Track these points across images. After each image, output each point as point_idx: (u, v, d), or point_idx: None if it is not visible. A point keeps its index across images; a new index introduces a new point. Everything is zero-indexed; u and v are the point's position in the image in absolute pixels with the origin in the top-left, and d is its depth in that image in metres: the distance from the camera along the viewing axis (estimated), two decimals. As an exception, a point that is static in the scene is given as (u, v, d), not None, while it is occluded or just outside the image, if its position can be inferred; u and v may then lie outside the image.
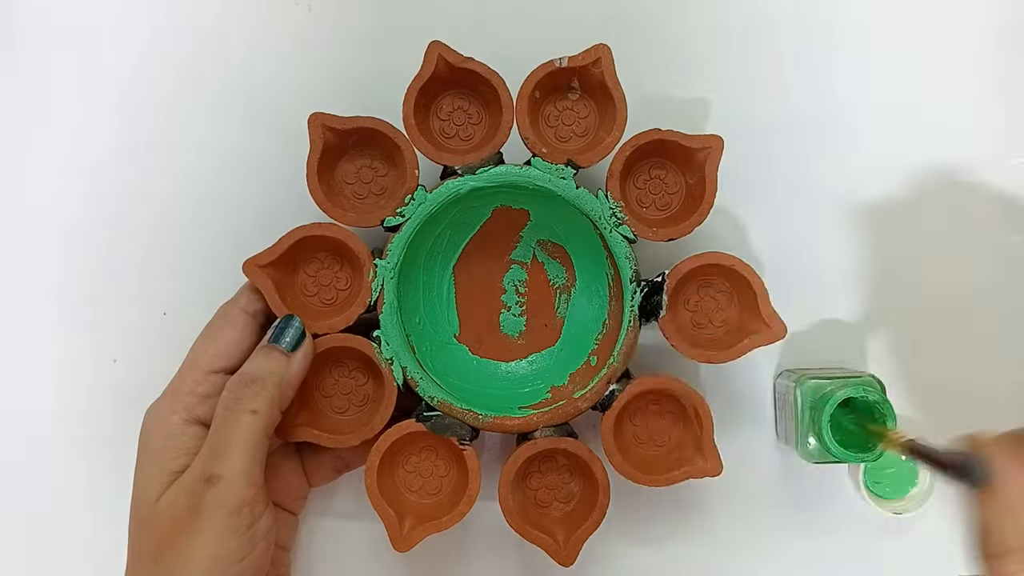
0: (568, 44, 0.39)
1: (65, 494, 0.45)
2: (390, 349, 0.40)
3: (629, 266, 0.40)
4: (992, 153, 0.45)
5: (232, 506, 0.34)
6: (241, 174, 0.45)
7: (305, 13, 0.45)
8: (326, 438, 0.39)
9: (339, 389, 0.41)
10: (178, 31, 0.45)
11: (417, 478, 0.41)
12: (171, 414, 0.37)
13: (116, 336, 0.45)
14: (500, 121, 0.39)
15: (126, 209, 0.45)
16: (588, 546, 0.39)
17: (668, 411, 0.41)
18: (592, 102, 0.41)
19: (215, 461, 0.35)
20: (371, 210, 0.40)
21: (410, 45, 0.39)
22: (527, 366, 0.44)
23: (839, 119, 0.45)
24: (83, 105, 0.45)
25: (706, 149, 0.39)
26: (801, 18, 0.45)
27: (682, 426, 0.41)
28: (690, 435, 0.40)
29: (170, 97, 0.45)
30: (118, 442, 0.39)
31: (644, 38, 0.45)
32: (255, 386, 0.36)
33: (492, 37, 0.45)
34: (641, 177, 0.42)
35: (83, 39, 0.45)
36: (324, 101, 0.39)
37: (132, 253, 0.45)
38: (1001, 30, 0.45)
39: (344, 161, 0.41)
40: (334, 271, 0.41)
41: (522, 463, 0.40)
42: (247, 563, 0.35)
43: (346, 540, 0.45)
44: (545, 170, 0.40)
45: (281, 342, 0.38)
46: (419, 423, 0.39)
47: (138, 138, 0.45)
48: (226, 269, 0.40)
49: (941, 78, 0.46)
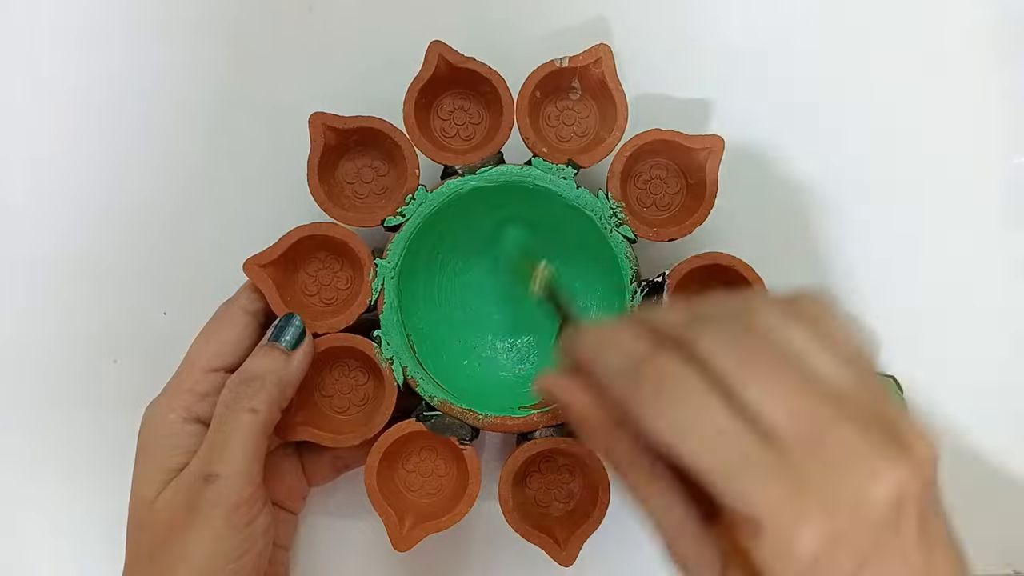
0: (569, 44, 0.39)
1: (64, 493, 0.45)
2: (390, 349, 0.40)
3: (629, 266, 0.40)
4: (992, 153, 0.45)
5: (230, 504, 0.34)
6: (241, 174, 0.45)
7: (305, 13, 0.45)
8: (326, 437, 0.39)
9: (339, 389, 0.41)
10: (178, 31, 0.45)
11: (417, 478, 0.41)
12: (170, 412, 0.37)
13: (116, 336, 0.45)
14: (501, 121, 0.39)
15: (126, 209, 0.45)
16: (588, 546, 0.39)
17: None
18: (593, 102, 0.41)
19: (214, 459, 0.35)
20: (371, 210, 0.40)
21: (410, 45, 0.39)
22: (527, 366, 0.44)
23: (839, 119, 0.45)
24: (82, 105, 0.45)
25: (707, 149, 0.39)
26: (802, 18, 0.45)
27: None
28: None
29: (169, 97, 0.45)
30: (118, 441, 0.39)
31: (645, 38, 0.45)
32: (255, 385, 0.36)
33: (493, 37, 0.45)
34: (642, 177, 0.42)
35: (83, 38, 0.45)
36: (324, 101, 0.40)
37: (132, 253, 0.45)
38: (1001, 30, 0.45)
39: (345, 161, 0.41)
40: (334, 271, 0.41)
41: (522, 463, 0.39)
42: (245, 561, 0.35)
43: (346, 540, 0.45)
44: (546, 170, 0.40)
45: (281, 341, 0.38)
46: (419, 423, 0.39)
47: (137, 138, 0.45)
48: (226, 269, 0.40)
49: (941, 78, 0.46)
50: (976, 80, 0.45)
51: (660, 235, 0.40)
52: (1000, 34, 0.45)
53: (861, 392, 0.25)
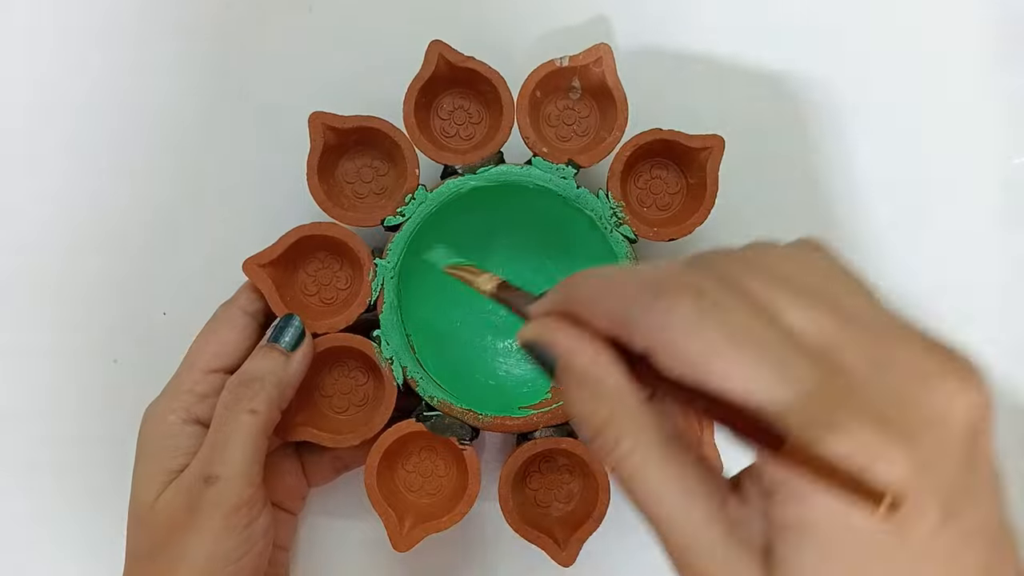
0: (569, 44, 0.39)
1: (64, 494, 0.45)
2: (390, 349, 0.39)
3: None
4: (992, 153, 0.45)
5: (230, 506, 0.34)
6: (241, 173, 0.45)
7: (305, 13, 0.45)
8: (326, 438, 0.39)
9: (339, 389, 0.41)
10: (178, 30, 0.45)
11: (417, 478, 0.41)
12: (169, 413, 0.37)
13: (116, 336, 0.45)
14: (501, 120, 0.39)
15: (126, 208, 0.45)
16: (588, 546, 0.39)
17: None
18: (593, 101, 0.41)
19: (214, 461, 0.35)
20: (371, 209, 0.40)
21: (410, 45, 0.39)
22: (527, 366, 0.43)
23: (840, 119, 0.45)
24: (83, 104, 0.45)
25: (707, 149, 0.39)
26: (801, 19, 0.45)
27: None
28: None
29: (169, 96, 0.45)
30: (117, 442, 0.39)
31: (645, 37, 0.45)
32: (254, 386, 0.36)
33: (493, 36, 0.45)
34: (642, 177, 0.41)
35: (85, 38, 0.45)
36: (324, 100, 0.39)
37: (132, 253, 0.45)
38: (1001, 29, 0.45)
39: (344, 160, 0.41)
40: (334, 271, 0.41)
41: (522, 463, 0.39)
42: (245, 562, 0.35)
43: (346, 540, 0.45)
44: (546, 170, 0.40)
45: (281, 342, 0.38)
46: (419, 423, 0.39)
47: (137, 138, 0.45)
48: (226, 269, 0.40)
49: (941, 78, 0.46)
50: (976, 80, 0.46)
51: (660, 235, 0.40)
52: (1000, 34, 0.45)
53: (905, 322, 0.22)
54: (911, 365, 0.21)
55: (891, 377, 0.20)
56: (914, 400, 0.20)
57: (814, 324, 0.21)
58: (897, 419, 0.20)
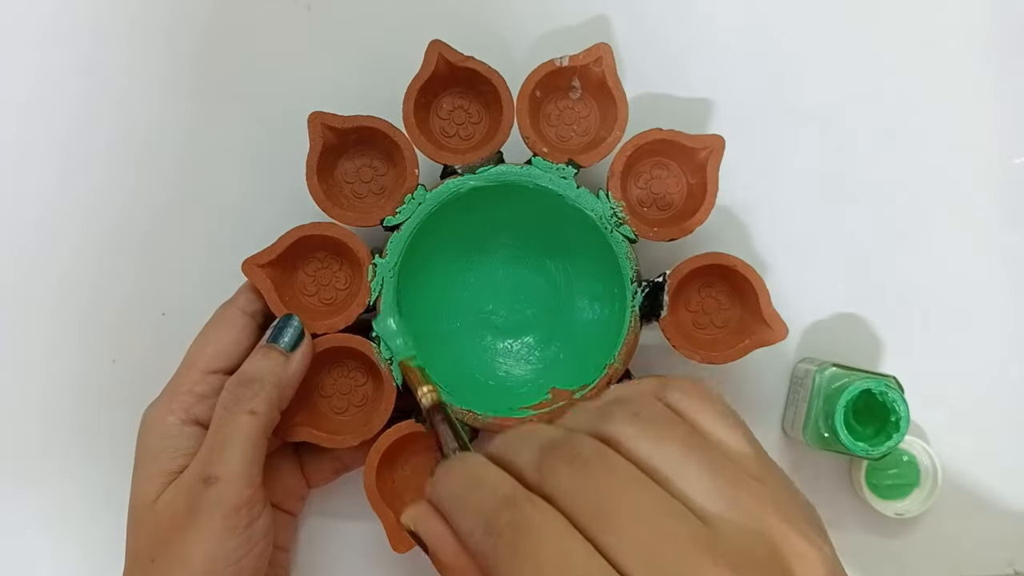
0: (569, 43, 0.39)
1: (63, 494, 0.45)
2: (389, 349, 0.39)
3: (630, 266, 0.40)
4: (992, 153, 0.45)
5: (230, 506, 0.34)
6: (240, 173, 0.45)
7: (305, 13, 0.45)
8: (325, 438, 0.39)
9: (338, 389, 0.41)
10: (178, 30, 0.45)
11: (416, 479, 0.41)
12: (169, 414, 0.37)
13: (115, 336, 0.45)
14: (500, 120, 0.39)
15: (125, 208, 0.45)
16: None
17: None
18: (593, 101, 0.41)
19: (213, 461, 0.35)
20: (371, 209, 0.40)
21: (410, 45, 0.39)
22: (527, 366, 0.43)
23: (840, 119, 0.45)
24: (83, 104, 0.45)
25: (707, 149, 0.39)
26: (802, 18, 0.45)
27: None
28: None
29: (168, 96, 0.45)
30: (117, 442, 0.39)
31: (645, 37, 0.45)
32: (254, 386, 0.36)
33: (493, 36, 0.45)
34: (642, 177, 0.41)
35: (86, 38, 0.45)
36: (324, 100, 0.39)
37: (131, 253, 0.45)
38: (1001, 29, 0.45)
39: (344, 160, 0.41)
40: (333, 271, 0.41)
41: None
42: (245, 563, 0.35)
43: (345, 541, 0.45)
44: (546, 169, 0.40)
45: (280, 342, 0.37)
46: (418, 423, 0.39)
47: (136, 138, 0.45)
48: (225, 269, 0.39)
49: (941, 78, 0.45)
50: (976, 80, 0.45)
51: (660, 235, 0.40)
52: (1000, 34, 0.45)
53: (732, 512, 0.22)
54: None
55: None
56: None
57: (630, 548, 0.22)
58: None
